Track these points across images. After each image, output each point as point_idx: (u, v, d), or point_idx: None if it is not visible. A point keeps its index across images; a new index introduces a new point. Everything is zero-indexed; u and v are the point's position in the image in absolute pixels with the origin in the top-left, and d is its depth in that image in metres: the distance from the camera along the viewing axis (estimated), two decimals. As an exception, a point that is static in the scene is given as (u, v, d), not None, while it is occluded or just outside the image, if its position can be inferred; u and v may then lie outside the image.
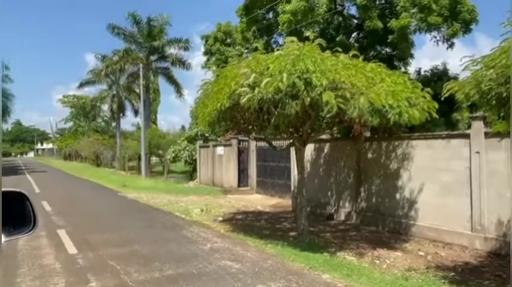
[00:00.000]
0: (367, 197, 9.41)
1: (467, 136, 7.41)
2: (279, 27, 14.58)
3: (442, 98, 4.95)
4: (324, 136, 10.28)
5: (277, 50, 6.66)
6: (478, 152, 7.15)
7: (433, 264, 6.24)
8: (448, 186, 7.61)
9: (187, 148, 22.14)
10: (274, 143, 10.49)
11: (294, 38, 6.54)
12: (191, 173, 22.24)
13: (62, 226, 8.97)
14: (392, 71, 6.76)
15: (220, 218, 10.14)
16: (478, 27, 13.44)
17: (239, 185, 16.37)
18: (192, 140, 22.32)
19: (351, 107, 5.26)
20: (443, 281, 5.36)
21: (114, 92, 35.63)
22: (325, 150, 10.75)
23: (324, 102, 5.35)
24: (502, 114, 4.62)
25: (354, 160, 9.76)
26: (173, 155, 23.15)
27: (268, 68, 5.92)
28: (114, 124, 42.00)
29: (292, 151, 9.77)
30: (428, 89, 6.36)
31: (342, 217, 9.97)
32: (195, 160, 20.66)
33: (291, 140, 8.21)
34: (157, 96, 41.25)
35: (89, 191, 17.87)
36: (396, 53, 14.72)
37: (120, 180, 21.28)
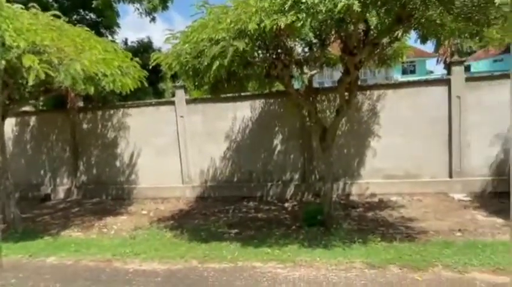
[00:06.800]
0: (87, 169, 9.09)
1: (173, 103, 8.51)
2: None
3: (150, 67, 5.41)
4: (27, 108, 8.88)
5: None
6: (182, 117, 8.41)
7: (156, 218, 7.00)
8: (162, 148, 8.56)
9: None
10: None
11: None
12: None
13: None
14: (102, 39, 6.64)
15: None
16: (175, 7, 15.16)
17: None
18: None
19: (61, 74, 4.83)
20: (164, 230, 6.14)
21: None
22: (32, 124, 9.35)
23: (25, 67, 4.62)
24: (196, 84, 5.56)
25: (68, 132, 9.07)
26: None
27: None
28: None
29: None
30: (137, 59, 6.74)
31: (62, 195, 9.20)
32: None
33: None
34: None
35: None
36: (102, 20, 14.35)
37: None
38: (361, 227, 5.58)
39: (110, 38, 13.26)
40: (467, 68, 31.61)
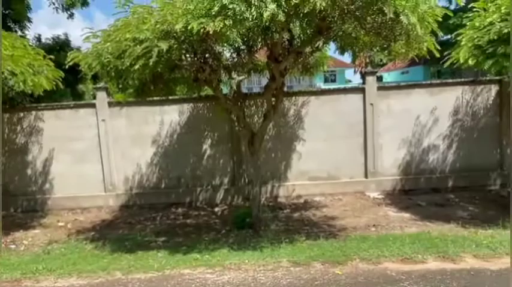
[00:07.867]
0: (-10, 179, 8.05)
1: (93, 106, 7.98)
2: None
3: (67, 67, 5.01)
4: None
5: None
6: (104, 120, 7.92)
7: (74, 230, 6.48)
8: (81, 154, 7.95)
9: None
10: None
11: None
12: None
13: None
14: (9, 33, 5.99)
15: None
16: (97, 4, 14.28)
17: None
18: None
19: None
20: (84, 242, 5.72)
21: None
22: None
23: None
24: (120, 86, 5.29)
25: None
26: None
27: None
28: None
29: None
30: (52, 57, 6.21)
31: (-43, 210, 8.02)
32: None
33: None
34: None
35: None
36: (10, 13, 12.95)
37: None
38: (288, 228, 5.80)
39: (19, 33, 12.03)
40: (380, 78, 34.87)
